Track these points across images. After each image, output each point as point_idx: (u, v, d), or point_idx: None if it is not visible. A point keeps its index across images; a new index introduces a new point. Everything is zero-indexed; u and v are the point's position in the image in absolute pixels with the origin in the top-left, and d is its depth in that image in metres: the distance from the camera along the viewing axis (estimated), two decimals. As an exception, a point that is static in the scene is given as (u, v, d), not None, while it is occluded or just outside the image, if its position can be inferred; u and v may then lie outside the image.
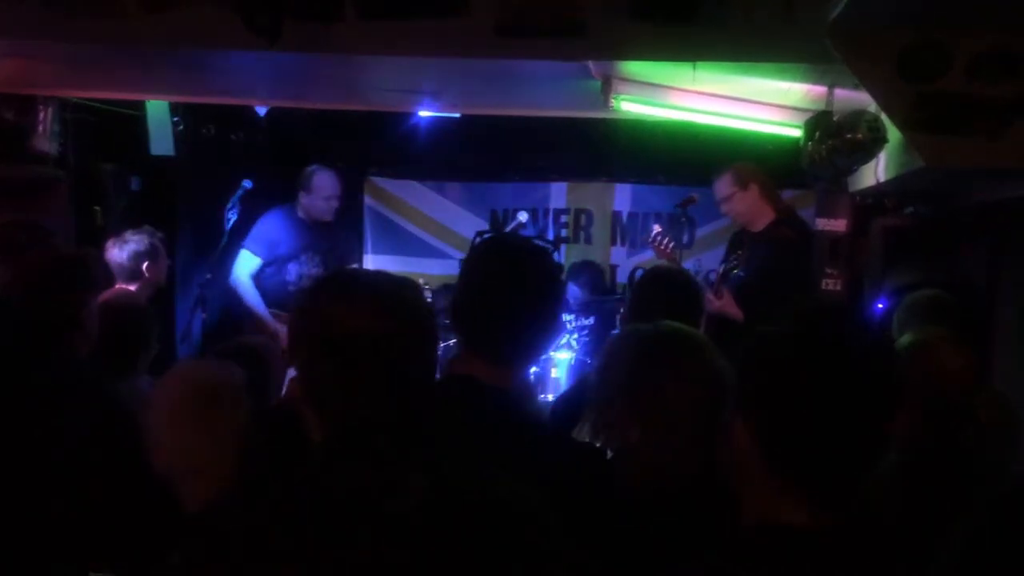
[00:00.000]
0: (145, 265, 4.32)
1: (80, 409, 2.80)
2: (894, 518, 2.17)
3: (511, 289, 1.98)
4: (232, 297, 5.78)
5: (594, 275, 6.68)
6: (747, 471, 1.47)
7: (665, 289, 3.22)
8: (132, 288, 4.24)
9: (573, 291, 6.30)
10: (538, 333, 2.03)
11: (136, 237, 4.34)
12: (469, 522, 1.47)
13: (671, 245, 5.34)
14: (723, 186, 5.19)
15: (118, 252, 4.31)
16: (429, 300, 5.46)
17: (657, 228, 5.36)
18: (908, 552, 1.84)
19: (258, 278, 5.69)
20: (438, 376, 1.85)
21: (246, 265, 5.68)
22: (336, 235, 5.96)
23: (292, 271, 5.72)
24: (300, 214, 5.74)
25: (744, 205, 5.17)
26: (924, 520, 2.15)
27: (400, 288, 1.62)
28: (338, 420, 1.57)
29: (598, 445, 2.04)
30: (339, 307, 1.56)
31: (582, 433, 2.08)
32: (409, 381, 1.57)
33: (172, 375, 2.16)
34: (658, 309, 2.98)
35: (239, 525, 1.54)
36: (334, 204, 5.73)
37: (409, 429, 1.56)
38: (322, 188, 5.69)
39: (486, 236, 2.14)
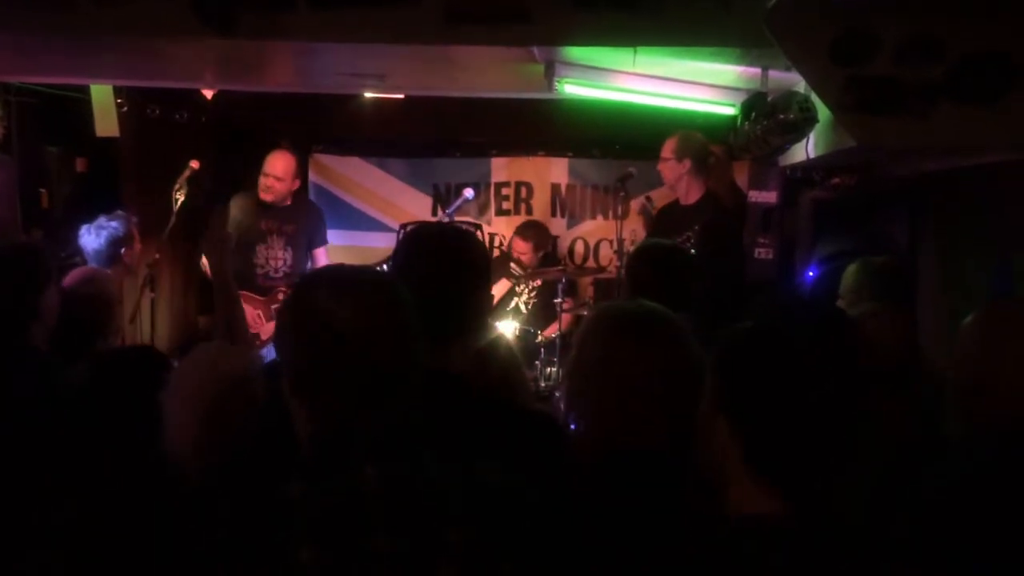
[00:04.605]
0: (123, 251, 4.40)
1: (35, 400, 2.79)
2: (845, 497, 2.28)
3: (449, 275, 2.03)
4: None
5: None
6: (728, 464, 1.55)
7: (658, 265, 3.32)
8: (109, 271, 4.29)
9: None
10: (475, 311, 2.10)
11: (113, 224, 4.39)
12: (462, 512, 1.53)
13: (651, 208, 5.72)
14: (665, 148, 5.36)
15: (94, 238, 4.35)
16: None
17: (643, 198, 5.72)
18: (871, 534, 1.95)
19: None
20: None
21: None
22: (302, 218, 5.99)
23: (260, 254, 5.82)
24: (263, 197, 5.80)
25: (673, 175, 5.33)
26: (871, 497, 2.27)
27: (388, 285, 1.66)
28: (327, 415, 1.59)
29: (568, 419, 2.12)
30: (329, 304, 1.58)
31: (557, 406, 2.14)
32: (398, 376, 1.60)
33: (193, 359, 2.20)
34: (652, 285, 3.12)
35: (232, 519, 1.60)
36: (271, 183, 5.72)
37: (399, 423, 1.59)
38: (264, 164, 5.76)
39: (409, 228, 2.20)
